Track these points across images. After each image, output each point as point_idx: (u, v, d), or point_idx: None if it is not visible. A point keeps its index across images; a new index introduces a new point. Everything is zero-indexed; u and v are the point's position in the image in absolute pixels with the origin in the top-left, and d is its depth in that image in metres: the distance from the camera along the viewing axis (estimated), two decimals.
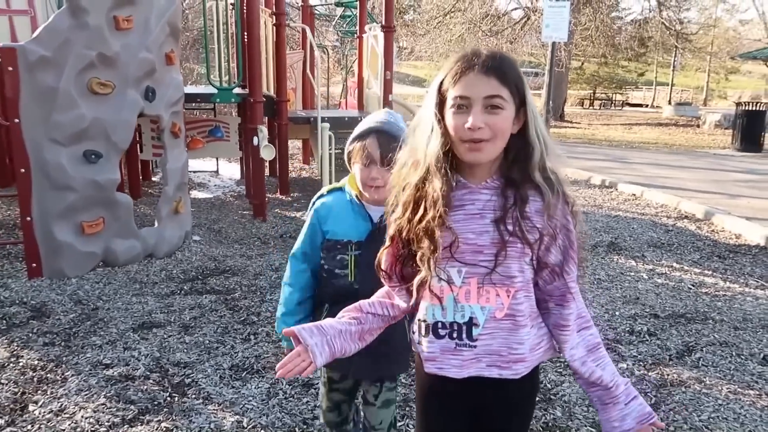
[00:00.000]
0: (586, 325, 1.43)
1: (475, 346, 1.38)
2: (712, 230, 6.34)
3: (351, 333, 1.47)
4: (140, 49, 4.37)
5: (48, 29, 3.88)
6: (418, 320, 1.45)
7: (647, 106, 36.66)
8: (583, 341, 1.42)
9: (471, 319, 1.37)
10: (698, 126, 21.10)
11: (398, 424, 2.59)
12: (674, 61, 34.92)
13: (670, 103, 31.80)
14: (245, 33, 6.11)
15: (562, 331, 1.41)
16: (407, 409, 2.72)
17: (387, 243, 1.47)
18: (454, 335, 1.39)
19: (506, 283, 1.35)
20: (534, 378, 1.48)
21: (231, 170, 9.48)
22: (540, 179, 1.35)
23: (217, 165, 9.37)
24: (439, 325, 1.40)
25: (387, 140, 1.77)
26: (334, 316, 1.71)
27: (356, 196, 1.87)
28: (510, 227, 1.33)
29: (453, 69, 1.34)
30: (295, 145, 11.21)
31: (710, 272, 4.94)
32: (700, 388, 2.95)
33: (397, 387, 2.09)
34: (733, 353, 3.35)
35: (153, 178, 8.36)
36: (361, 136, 1.84)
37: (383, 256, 1.48)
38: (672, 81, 37.13)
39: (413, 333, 1.48)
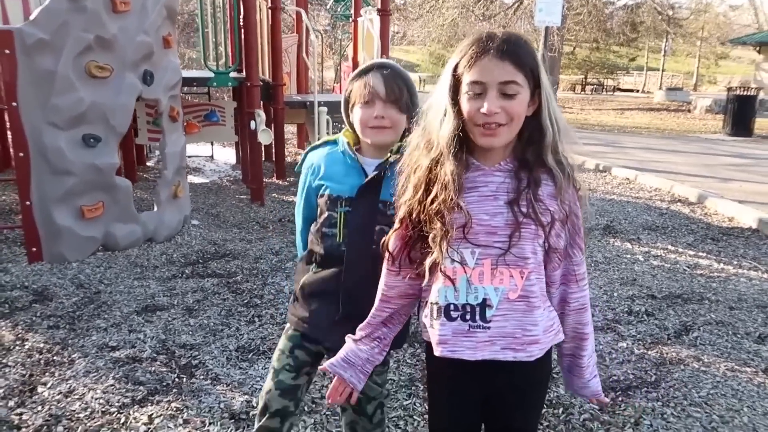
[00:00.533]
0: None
1: (488, 328, 1.38)
2: (705, 213, 6.42)
3: (378, 352, 1.55)
4: (138, 32, 4.33)
5: (45, 11, 3.83)
6: (430, 303, 1.45)
7: (638, 91, 36.73)
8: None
9: (485, 300, 1.37)
10: (689, 111, 21.21)
11: (405, 403, 2.63)
12: (665, 46, 34.96)
13: (660, 88, 31.89)
14: (241, 16, 6.06)
15: (565, 307, 1.49)
16: (413, 388, 2.76)
17: (396, 225, 1.47)
18: (467, 317, 1.39)
19: (520, 264, 1.36)
20: (547, 362, 1.49)
21: (226, 155, 9.44)
22: (552, 162, 1.36)
23: (212, 149, 9.33)
24: (452, 307, 1.39)
25: (392, 75, 1.63)
26: (315, 277, 1.73)
27: (348, 145, 1.68)
28: (524, 209, 1.34)
29: (467, 53, 1.33)
30: (288, 130, 11.17)
31: (704, 254, 5.01)
32: (699, 366, 3.01)
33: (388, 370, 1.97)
34: (730, 332, 3.42)
35: (148, 163, 8.32)
36: (363, 72, 1.66)
37: (391, 239, 1.48)
38: (663, 66, 37.20)
39: (424, 317, 1.49)
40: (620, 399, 2.69)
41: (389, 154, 1.62)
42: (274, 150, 7.70)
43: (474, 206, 1.36)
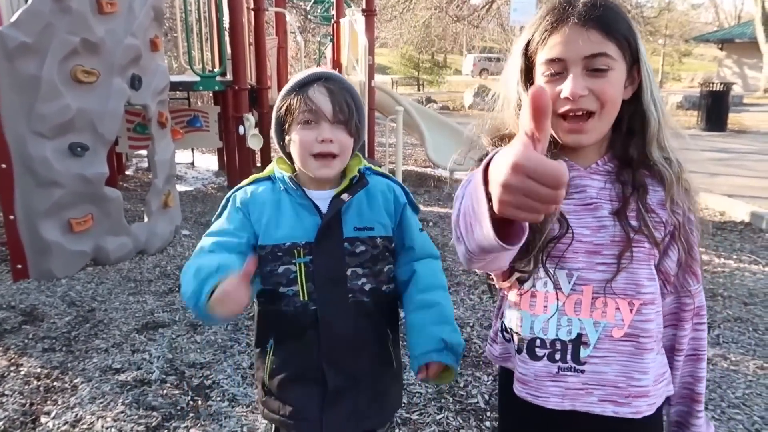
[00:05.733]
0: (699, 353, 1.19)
1: (582, 371, 1.10)
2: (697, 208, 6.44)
3: None
4: (125, 34, 4.11)
5: (28, 13, 3.60)
6: (509, 330, 1.18)
7: None
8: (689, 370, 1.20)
9: (579, 336, 1.10)
10: None
11: (437, 417, 2.51)
12: None
13: None
14: (225, 18, 5.87)
15: (674, 356, 1.18)
16: (443, 401, 2.63)
17: None
18: (557, 356, 1.11)
19: (630, 293, 1.08)
20: (657, 421, 1.17)
21: (207, 161, 9.18)
22: (660, 159, 1.10)
23: (193, 156, 9.06)
24: (537, 342, 1.12)
25: (339, 90, 1.29)
26: (282, 356, 1.35)
27: (292, 180, 1.33)
28: (633, 222, 1.08)
29: (541, 25, 1.07)
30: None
31: (703, 249, 4.92)
32: (728, 365, 2.96)
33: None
34: (750, 328, 3.38)
35: (127, 172, 8.03)
36: (301, 85, 1.30)
37: None
38: None
39: (497, 342, 1.23)
40: None
41: (345, 181, 1.35)
42: (259, 155, 7.50)
43: (570, 217, 1.10)
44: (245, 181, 1.40)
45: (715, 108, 13.05)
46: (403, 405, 2.51)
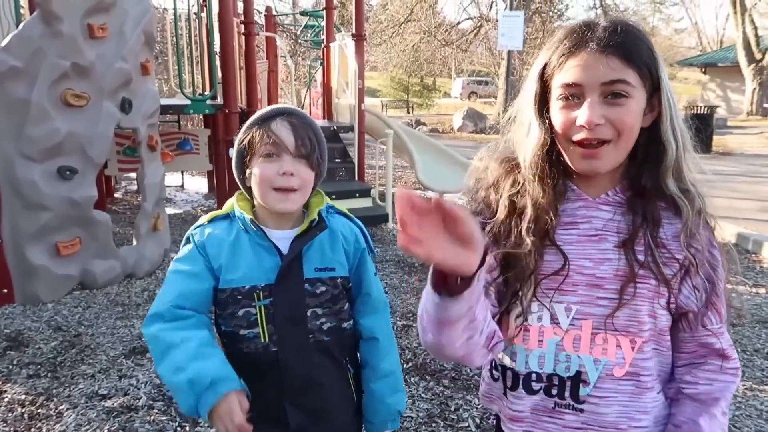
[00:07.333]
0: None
1: (581, 410, 1.06)
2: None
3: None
4: (116, 58, 4.14)
5: (18, 37, 3.62)
6: (501, 366, 1.13)
7: None
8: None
9: (579, 373, 1.05)
10: None
11: None
12: None
13: None
14: (216, 43, 5.92)
15: (682, 392, 1.10)
16: (433, 425, 2.62)
17: None
18: (554, 391, 1.07)
19: (632, 330, 1.04)
20: None
21: (197, 184, 9.17)
22: (675, 190, 1.04)
23: (182, 178, 9.05)
24: (533, 377, 1.08)
25: (302, 124, 1.30)
26: (250, 394, 1.27)
27: (252, 221, 1.31)
28: (641, 256, 1.03)
29: (559, 48, 1.03)
30: None
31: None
32: None
33: None
34: (738, 350, 3.39)
35: (115, 195, 7.99)
36: (264, 119, 1.31)
37: None
38: None
39: (488, 381, 1.18)
40: None
41: (305, 224, 1.34)
42: None
43: (572, 248, 1.06)
44: (203, 218, 1.39)
45: (699, 131, 13.21)
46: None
